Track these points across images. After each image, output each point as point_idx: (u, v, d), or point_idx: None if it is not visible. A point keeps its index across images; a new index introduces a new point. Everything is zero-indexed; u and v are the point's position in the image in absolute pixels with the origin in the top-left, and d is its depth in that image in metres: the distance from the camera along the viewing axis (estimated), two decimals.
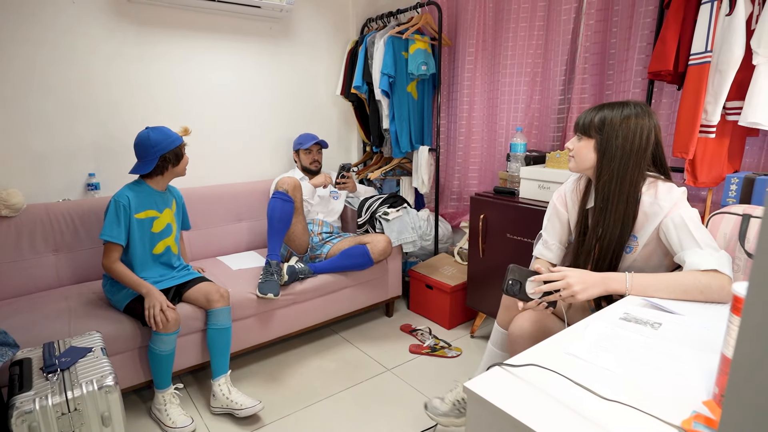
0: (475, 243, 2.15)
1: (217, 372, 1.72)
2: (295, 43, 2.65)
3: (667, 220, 1.09)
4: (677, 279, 1.02)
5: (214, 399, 1.71)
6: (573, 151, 1.20)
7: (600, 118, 1.14)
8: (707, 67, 1.40)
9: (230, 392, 1.69)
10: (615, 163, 1.12)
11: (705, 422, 0.61)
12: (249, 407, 1.63)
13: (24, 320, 1.55)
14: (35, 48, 1.91)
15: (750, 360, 0.31)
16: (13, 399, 1.08)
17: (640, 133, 1.11)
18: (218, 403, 1.69)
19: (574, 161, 1.20)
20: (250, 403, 1.64)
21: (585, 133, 1.17)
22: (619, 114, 1.12)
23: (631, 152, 1.11)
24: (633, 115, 1.12)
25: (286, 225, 2.02)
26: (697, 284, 1.00)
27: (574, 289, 1.02)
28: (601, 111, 1.15)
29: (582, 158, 1.18)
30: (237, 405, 1.65)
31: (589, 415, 0.65)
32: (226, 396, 1.68)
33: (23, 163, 1.96)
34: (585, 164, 1.18)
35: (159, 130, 1.69)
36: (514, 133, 2.13)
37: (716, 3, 1.35)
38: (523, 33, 2.25)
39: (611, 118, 1.12)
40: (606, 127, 1.13)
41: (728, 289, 0.99)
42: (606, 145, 1.13)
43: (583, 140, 1.18)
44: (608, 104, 1.16)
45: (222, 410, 1.69)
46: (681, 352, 0.81)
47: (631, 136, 1.11)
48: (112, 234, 1.61)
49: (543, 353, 0.82)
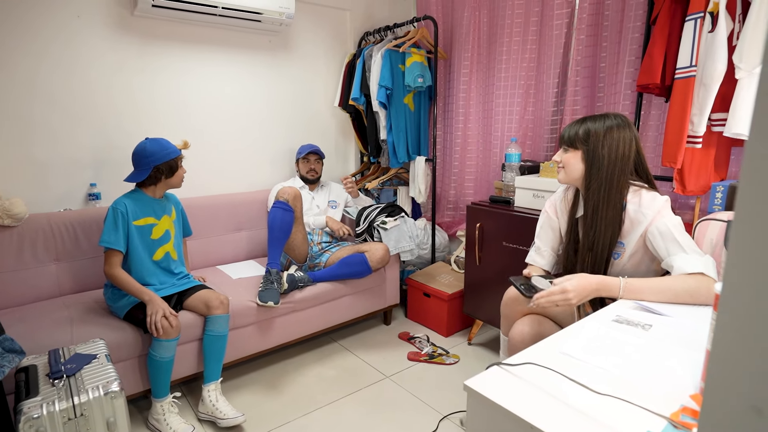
0: (471, 251, 2.19)
1: (209, 378, 1.73)
2: (293, 56, 2.71)
3: (653, 228, 1.14)
4: (668, 283, 1.07)
5: (202, 404, 1.72)
6: (561, 162, 1.26)
7: (584, 130, 1.20)
8: (692, 81, 1.46)
9: (217, 400, 1.70)
10: (602, 172, 1.18)
11: (692, 414, 0.65)
12: (231, 418, 1.65)
13: (27, 328, 1.56)
14: (40, 60, 1.95)
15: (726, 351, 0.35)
16: (21, 404, 1.10)
17: (623, 142, 1.17)
18: (205, 408, 1.71)
19: (563, 172, 1.26)
20: (233, 414, 1.66)
21: (571, 145, 1.23)
22: (602, 125, 1.19)
23: (616, 160, 1.17)
24: (615, 126, 1.18)
25: (286, 234, 2.05)
26: (687, 288, 1.04)
27: (568, 296, 1.07)
28: (584, 123, 1.21)
29: (571, 169, 1.23)
30: (221, 414, 1.66)
31: (583, 409, 0.68)
32: (213, 404, 1.69)
33: (26, 173, 1.98)
34: (574, 175, 1.24)
35: (157, 142, 1.73)
36: (508, 144, 2.19)
37: (699, 20, 1.42)
38: (517, 47, 2.33)
39: (595, 129, 1.19)
40: (591, 138, 1.19)
41: (713, 291, 1.03)
42: (593, 155, 1.19)
43: (569, 152, 1.24)
44: (590, 117, 1.23)
45: (207, 416, 1.71)
46: (671, 351, 0.85)
47: (615, 146, 1.17)
48: (110, 240, 1.64)
49: (539, 353, 0.86)
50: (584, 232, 1.24)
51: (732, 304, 0.33)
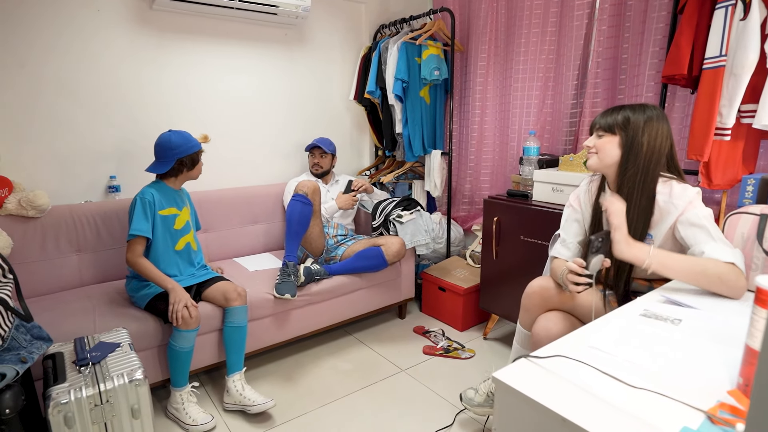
0: (488, 245, 2.17)
1: (232, 369, 1.75)
2: (309, 49, 2.70)
3: (683, 218, 1.12)
4: (698, 261, 1.04)
5: (228, 395, 1.74)
6: (594, 148, 1.23)
7: (624, 117, 1.18)
8: (722, 71, 1.42)
9: (243, 389, 1.72)
10: (641, 160, 1.16)
11: (730, 410, 0.63)
12: (260, 404, 1.66)
13: (52, 317, 1.59)
14: (63, 55, 1.98)
15: None
16: (49, 390, 1.12)
17: (661, 134, 1.16)
18: (231, 399, 1.73)
19: (596, 158, 1.23)
20: (262, 400, 1.67)
21: (608, 131, 1.20)
22: (642, 115, 1.17)
23: (654, 150, 1.16)
24: (654, 117, 1.16)
25: (304, 227, 2.05)
26: (718, 270, 1.01)
27: (616, 235, 1.08)
28: (623, 111, 1.19)
29: (605, 154, 1.20)
30: (249, 402, 1.68)
31: (616, 403, 0.67)
32: (240, 392, 1.71)
33: (49, 166, 2.02)
34: (608, 160, 1.21)
35: (180, 134, 1.75)
36: (526, 137, 2.16)
37: (731, 8, 1.38)
38: (536, 38, 2.29)
39: (635, 118, 1.17)
40: (631, 125, 1.17)
41: (742, 283, 1.01)
42: (632, 141, 1.17)
43: (605, 137, 1.21)
44: (628, 106, 1.20)
45: (234, 406, 1.73)
46: (702, 346, 0.83)
47: (654, 135, 1.15)
48: (141, 228, 1.66)
49: (567, 347, 0.85)
50: None
51: None
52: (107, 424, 1.17)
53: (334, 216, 2.42)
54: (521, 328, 1.42)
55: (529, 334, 1.38)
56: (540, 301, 1.33)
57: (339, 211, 2.42)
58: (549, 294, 1.31)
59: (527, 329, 1.38)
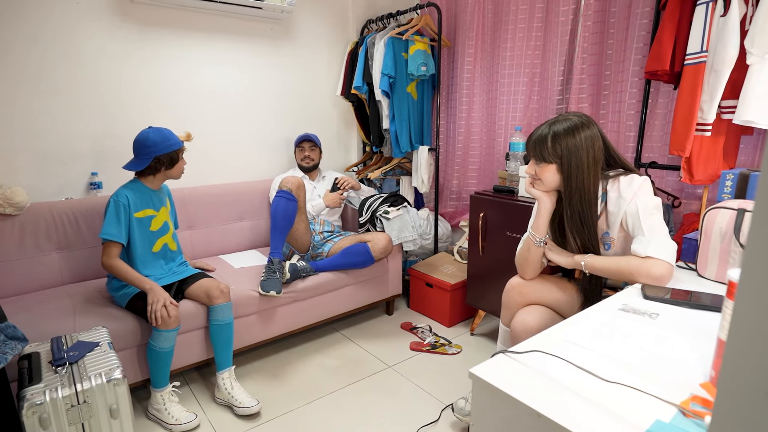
0: (474, 241, 2.17)
1: (221, 366, 1.75)
2: (295, 44, 2.68)
3: (627, 210, 1.16)
4: (616, 261, 1.15)
5: (218, 390, 1.75)
6: (537, 175, 1.25)
7: (553, 143, 1.19)
8: (703, 67, 1.43)
9: (233, 387, 1.71)
10: (580, 180, 1.19)
11: (702, 403, 0.64)
12: (247, 407, 1.67)
13: (29, 317, 1.56)
14: (40, 48, 1.93)
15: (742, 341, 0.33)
16: (24, 391, 1.09)
17: (592, 144, 1.17)
18: (221, 395, 1.74)
19: (541, 185, 1.26)
20: (249, 403, 1.67)
21: (544, 161, 1.22)
22: (569, 134, 1.17)
23: (589, 165, 1.18)
24: (579, 125, 1.18)
25: (289, 224, 2.04)
26: (629, 267, 1.11)
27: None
28: (549, 133, 1.20)
29: (549, 182, 1.24)
30: (237, 402, 1.68)
31: (590, 397, 0.67)
32: (228, 391, 1.71)
33: (27, 162, 1.97)
34: (552, 186, 1.25)
35: (159, 132, 1.71)
36: (513, 133, 2.16)
37: (711, 4, 1.38)
38: (522, 34, 2.29)
39: (565, 141, 1.18)
40: (563, 151, 1.18)
41: (657, 273, 1.07)
42: (568, 167, 1.19)
43: (542, 165, 1.23)
44: (553, 122, 1.21)
45: (223, 402, 1.74)
46: (678, 340, 0.84)
47: (585, 151, 1.17)
48: (112, 233, 1.62)
49: (545, 341, 0.85)
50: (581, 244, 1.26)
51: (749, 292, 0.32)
52: (84, 424, 1.15)
53: (321, 213, 2.41)
54: (503, 326, 1.42)
55: (508, 330, 1.38)
56: (519, 297, 1.34)
57: (326, 209, 2.40)
58: (527, 290, 1.33)
59: (507, 326, 1.39)
